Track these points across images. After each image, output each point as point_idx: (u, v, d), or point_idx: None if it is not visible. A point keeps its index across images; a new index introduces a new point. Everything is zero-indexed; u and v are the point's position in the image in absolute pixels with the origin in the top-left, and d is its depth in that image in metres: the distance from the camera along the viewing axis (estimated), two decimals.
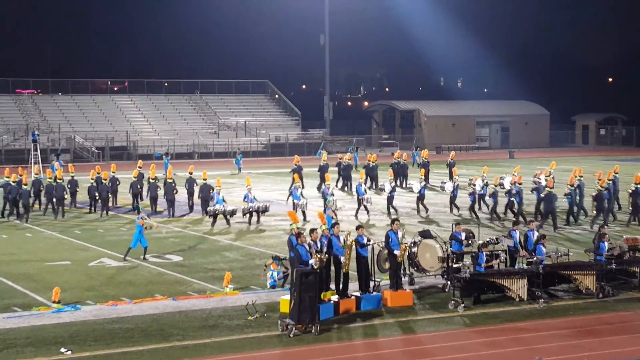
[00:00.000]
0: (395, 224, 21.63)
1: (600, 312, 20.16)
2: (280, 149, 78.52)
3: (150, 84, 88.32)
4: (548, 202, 33.04)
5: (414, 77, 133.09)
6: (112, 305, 20.48)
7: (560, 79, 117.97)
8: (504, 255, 22.29)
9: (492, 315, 19.92)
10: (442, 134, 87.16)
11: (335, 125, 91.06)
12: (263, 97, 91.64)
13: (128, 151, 73.90)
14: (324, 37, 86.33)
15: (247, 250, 28.33)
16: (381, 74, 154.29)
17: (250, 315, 19.41)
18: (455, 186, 37.17)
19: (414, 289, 21.99)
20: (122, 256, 26.59)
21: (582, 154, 80.00)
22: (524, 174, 38.36)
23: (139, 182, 38.82)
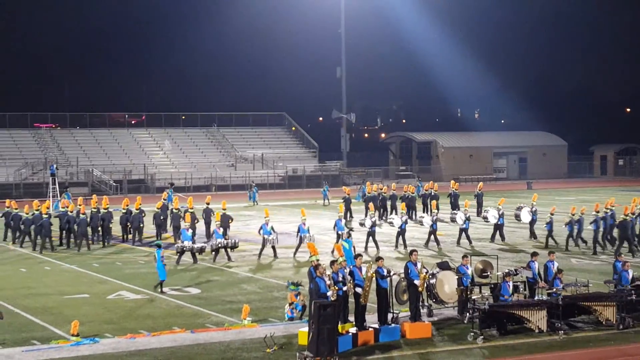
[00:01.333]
0: (414, 255, 21.61)
1: (621, 344, 19.97)
2: (297, 181, 78.66)
3: (168, 117, 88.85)
4: (623, 228, 33.23)
5: (430, 108, 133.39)
6: (131, 338, 20.46)
7: (578, 109, 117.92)
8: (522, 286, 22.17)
9: (511, 347, 19.77)
10: (460, 165, 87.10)
11: (352, 157, 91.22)
12: (280, 129, 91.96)
13: (146, 184, 74.17)
14: (340, 70, 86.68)
15: (265, 282, 28.29)
16: (398, 105, 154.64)
17: (268, 348, 19.35)
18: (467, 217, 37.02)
19: (432, 320, 21.87)
20: (141, 289, 26.65)
21: (601, 185, 79.69)
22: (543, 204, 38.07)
23: (163, 213, 39.45)
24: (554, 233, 36.21)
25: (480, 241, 37.81)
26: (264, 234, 33.38)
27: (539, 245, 35.44)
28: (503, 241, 37.21)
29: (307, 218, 34.67)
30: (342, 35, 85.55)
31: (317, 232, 37.19)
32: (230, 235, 36.98)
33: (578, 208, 37.81)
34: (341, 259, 20.99)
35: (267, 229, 33.47)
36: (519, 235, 40.22)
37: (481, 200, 48.92)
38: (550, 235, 36.18)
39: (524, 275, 22.65)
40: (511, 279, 21.64)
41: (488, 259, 23.57)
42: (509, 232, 41.05)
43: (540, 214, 39.62)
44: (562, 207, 54.00)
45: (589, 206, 39.25)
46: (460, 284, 22.01)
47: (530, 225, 38.56)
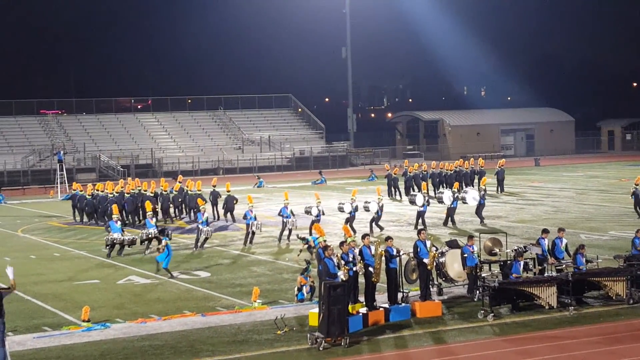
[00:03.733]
0: (422, 234, 21.62)
1: (631, 318, 19.96)
2: (304, 163, 78.65)
3: (174, 101, 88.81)
4: None
5: (436, 87, 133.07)
6: (142, 323, 20.52)
7: (585, 85, 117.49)
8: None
9: (522, 323, 19.77)
10: (467, 143, 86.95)
11: (359, 137, 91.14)
12: (286, 111, 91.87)
13: (153, 169, 74.26)
14: (345, 50, 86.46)
15: (274, 264, 28.33)
16: (404, 85, 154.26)
17: (279, 330, 19.39)
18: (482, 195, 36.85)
19: (442, 299, 21.89)
20: (153, 273, 26.75)
21: (609, 160, 79.53)
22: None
23: (180, 195, 39.79)
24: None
25: (491, 219, 37.76)
26: (284, 216, 33.17)
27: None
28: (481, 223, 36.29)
29: (321, 200, 34.48)
30: (347, 15, 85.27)
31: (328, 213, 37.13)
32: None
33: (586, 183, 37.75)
34: (350, 239, 21.01)
35: (287, 212, 33.24)
36: (527, 212, 40.20)
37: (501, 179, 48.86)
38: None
39: (534, 252, 22.65)
40: (522, 259, 21.63)
41: (497, 236, 23.54)
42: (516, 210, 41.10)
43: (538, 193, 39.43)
44: (570, 184, 54.03)
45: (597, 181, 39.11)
46: (465, 264, 22.01)
47: (477, 208, 36.87)
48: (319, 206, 33.52)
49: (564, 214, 39.10)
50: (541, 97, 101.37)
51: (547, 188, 51.42)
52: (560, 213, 39.65)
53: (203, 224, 31.97)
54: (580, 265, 21.92)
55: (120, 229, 31.13)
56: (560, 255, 22.75)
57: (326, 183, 58.89)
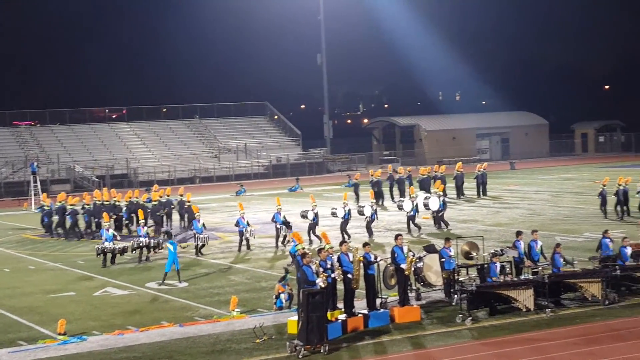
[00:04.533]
0: (399, 239, 21.65)
1: (607, 319, 20.09)
2: (281, 170, 78.57)
3: (149, 110, 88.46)
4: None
5: (412, 93, 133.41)
6: (119, 335, 20.40)
7: (558, 88, 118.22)
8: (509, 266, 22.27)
9: (500, 326, 19.85)
10: (443, 148, 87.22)
11: (335, 143, 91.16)
12: (262, 118, 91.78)
13: (129, 178, 73.93)
14: (320, 57, 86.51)
15: (252, 272, 28.26)
16: (379, 91, 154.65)
17: (258, 338, 19.34)
18: (442, 202, 36.68)
19: (421, 304, 21.92)
20: (127, 284, 26.61)
21: (582, 162, 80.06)
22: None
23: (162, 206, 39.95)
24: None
25: (466, 222, 37.89)
26: (277, 222, 33.21)
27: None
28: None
29: (316, 203, 34.66)
30: (321, 22, 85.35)
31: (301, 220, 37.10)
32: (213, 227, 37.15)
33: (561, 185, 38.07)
34: (328, 246, 21.01)
35: (280, 218, 33.33)
36: (503, 215, 40.37)
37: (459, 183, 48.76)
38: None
39: (510, 255, 22.75)
40: (498, 260, 21.73)
41: (474, 240, 23.61)
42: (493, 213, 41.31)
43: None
44: (545, 187, 54.33)
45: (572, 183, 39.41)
46: (443, 268, 22.07)
47: (436, 213, 36.53)
48: (314, 209, 33.64)
49: (539, 217, 39.31)
50: (515, 100, 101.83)
51: (522, 191, 51.68)
52: (535, 216, 39.87)
53: (199, 230, 32.27)
54: (559, 265, 22.01)
55: (111, 237, 31.33)
56: (537, 257, 22.87)
57: (302, 190, 58.84)
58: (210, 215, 45.03)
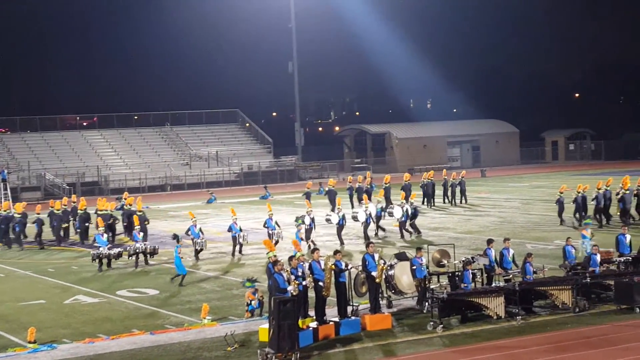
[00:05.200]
0: (371, 247, 21.73)
1: (577, 327, 20.24)
2: (253, 178, 78.45)
3: (120, 117, 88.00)
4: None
5: (383, 100, 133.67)
6: (89, 343, 20.28)
7: (528, 96, 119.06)
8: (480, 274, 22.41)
9: (470, 334, 19.94)
10: (414, 156, 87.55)
11: (307, 151, 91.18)
12: (234, 126, 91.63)
13: (100, 186, 73.52)
14: (292, 64, 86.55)
15: (223, 280, 28.20)
16: (351, 98, 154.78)
17: (229, 346, 19.31)
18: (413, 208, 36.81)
19: (392, 311, 21.98)
20: (98, 292, 26.47)
21: (553, 170, 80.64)
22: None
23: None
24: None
25: (437, 230, 38.03)
26: (270, 228, 33.39)
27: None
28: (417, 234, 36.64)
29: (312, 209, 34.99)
30: (292, 30, 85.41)
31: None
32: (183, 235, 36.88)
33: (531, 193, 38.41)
34: (299, 254, 21.02)
35: (272, 224, 33.54)
36: (474, 223, 40.58)
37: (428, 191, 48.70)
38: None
39: (481, 263, 22.88)
40: (471, 267, 21.85)
41: (445, 248, 23.71)
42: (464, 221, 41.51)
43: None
44: (516, 194, 54.66)
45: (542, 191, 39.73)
46: (414, 275, 22.15)
47: (401, 222, 36.57)
48: (310, 214, 33.83)
49: (510, 224, 39.56)
50: (486, 108, 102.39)
51: (493, 199, 51.98)
52: (506, 223, 40.11)
53: (196, 235, 32.55)
54: (528, 274, 22.20)
55: (106, 242, 31.71)
56: (508, 265, 23.00)
57: (272, 197, 58.75)
58: (181, 223, 44.80)
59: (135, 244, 31.55)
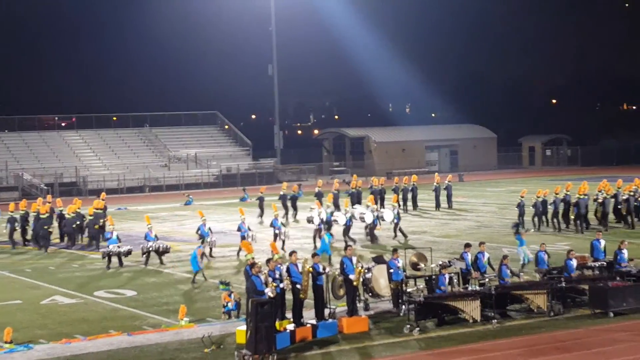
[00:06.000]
0: (349, 250, 21.84)
1: (552, 331, 20.42)
2: (231, 180, 78.36)
3: (99, 118, 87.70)
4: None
5: (362, 104, 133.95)
6: (66, 343, 20.26)
7: (506, 102, 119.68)
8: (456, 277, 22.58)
9: (446, 337, 20.08)
10: (393, 160, 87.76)
11: (285, 154, 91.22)
12: (213, 128, 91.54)
13: (78, 187, 73.23)
14: (272, 67, 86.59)
15: (201, 282, 28.21)
16: (330, 102, 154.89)
17: (206, 348, 19.35)
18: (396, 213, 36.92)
19: (369, 314, 22.10)
20: (75, 293, 26.43)
21: (530, 175, 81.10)
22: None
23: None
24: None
25: (417, 234, 38.20)
26: (276, 227, 33.77)
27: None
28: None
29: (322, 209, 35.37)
30: (273, 32, 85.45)
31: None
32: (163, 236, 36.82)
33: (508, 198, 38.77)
34: (277, 256, 21.10)
35: (278, 223, 33.96)
36: (451, 227, 40.80)
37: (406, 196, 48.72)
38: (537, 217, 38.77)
39: (458, 267, 23.03)
40: (447, 271, 22.02)
41: (422, 251, 23.86)
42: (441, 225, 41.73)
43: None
44: (493, 199, 54.98)
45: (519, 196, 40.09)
46: (391, 279, 22.29)
47: (394, 224, 37.00)
48: (320, 215, 34.35)
49: (487, 229, 39.80)
50: (464, 113, 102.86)
51: (470, 203, 52.22)
52: (483, 227, 40.35)
53: (206, 234, 32.87)
54: (505, 277, 22.39)
55: (116, 240, 31.80)
56: (483, 269, 23.18)
57: (250, 200, 58.70)
58: (160, 225, 44.81)
59: (148, 242, 31.90)
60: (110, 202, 48.43)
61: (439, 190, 49.21)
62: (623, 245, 24.24)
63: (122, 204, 59.27)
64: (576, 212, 37.75)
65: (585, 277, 23.41)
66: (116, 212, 53.01)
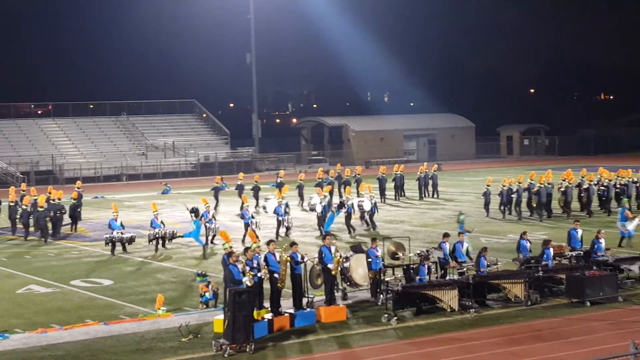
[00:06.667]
0: (328, 239, 21.79)
1: (529, 320, 20.50)
2: (209, 169, 78.12)
3: (75, 106, 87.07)
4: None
5: (341, 93, 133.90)
6: (42, 333, 20.12)
7: (484, 91, 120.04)
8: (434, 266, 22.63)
9: (424, 326, 20.10)
10: (371, 149, 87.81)
11: (264, 142, 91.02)
12: (191, 116, 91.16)
13: (54, 175, 72.75)
14: (250, 56, 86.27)
15: (179, 271, 28.11)
16: (309, 90, 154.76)
17: (183, 337, 19.27)
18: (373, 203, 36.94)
19: (347, 303, 22.08)
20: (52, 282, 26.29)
21: (508, 164, 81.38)
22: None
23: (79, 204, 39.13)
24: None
25: (394, 223, 38.22)
26: (279, 214, 34.39)
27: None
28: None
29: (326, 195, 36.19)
30: (251, 20, 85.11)
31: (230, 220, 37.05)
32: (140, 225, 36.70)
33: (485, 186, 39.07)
34: (254, 245, 21.03)
35: (281, 210, 34.60)
36: (429, 216, 40.87)
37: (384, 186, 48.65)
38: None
39: (436, 256, 23.07)
40: (428, 262, 22.07)
41: (400, 241, 23.86)
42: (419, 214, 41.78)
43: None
44: (471, 188, 55.12)
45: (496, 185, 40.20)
46: (370, 268, 22.28)
47: (370, 214, 36.84)
48: (322, 202, 34.80)
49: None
50: (443, 103, 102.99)
51: (449, 192, 52.30)
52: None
53: (210, 222, 33.04)
54: (482, 267, 22.44)
55: (120, 226, 32.19)
56: (462, 258, 23.22)
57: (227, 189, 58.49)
58: (136, 214, 44.64)
59: (155, 229, 32.12)
60: (87, 191, 48.27)
61: (422, 180, 49.28)
62: (600, 234, 24.36)
63: (99, 192, 58.95)
64: (537, 201, 38.22)
65: (563, 266, 23.51)
66: (93, 201, 52.83)
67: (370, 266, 22.30)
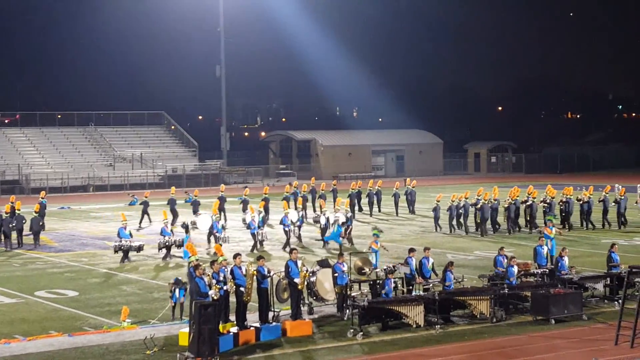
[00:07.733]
0: (294, 253, 21.80)
1: (494, 337, 20.60)
2: (177, 181, 77.80)
3: (43, 116, 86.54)
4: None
5: (310, 107, 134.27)
6: (5, 344, 19.93)
7: (453, 108, 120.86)
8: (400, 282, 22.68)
9: (390, 342, 20.14)
10: (339, 163, 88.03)
11: (232, 155, 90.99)
12: (159, 128, 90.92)
13: (20, 185, 72.19)
14: (220, 68, 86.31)
15: (144, 283, 27.98)
16: (278, 104, 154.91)
17: (148, 350, 19.17)
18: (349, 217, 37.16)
19: (313, 318, 22.08)
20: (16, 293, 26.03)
21: (475, 181, 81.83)
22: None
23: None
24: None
25: (362, 238, 38.29)
26: (284, 224, 34.82)
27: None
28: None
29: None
30: (221, 33, 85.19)
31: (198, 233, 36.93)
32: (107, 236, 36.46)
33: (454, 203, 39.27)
34: (221, 258, 20.99)
35: (288, 222, 34.90)
36: (397, 232, 41.00)
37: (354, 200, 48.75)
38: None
39: (402, 272, 23.14)
40: (392, 276, 22.13)
41: (366, 256, 23.91)
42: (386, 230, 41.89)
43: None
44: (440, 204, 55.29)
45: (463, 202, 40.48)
46: (336, 282, 22.30)
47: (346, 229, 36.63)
48: (325, 214, 35.83)
49: (431, 234, 40.07)
50: (411, 119, 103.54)
51: (416, 208, 52.43)
52: (427, 233, 40.61)
53: (219, 231, 33.92)
54: (448, 282, 22.53)
55: (128, 235, 32.43)
56: (428, 274, 23.31)
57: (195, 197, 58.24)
58: (103, 225, 44.41)
59: (165, 237, 32.38)
60: (53, 201, 48.00)
61: (398, 195, 49.58)
62: (564, 252, 24.53)
63: (65, 203, 58.55)
64: (481, 216, 38.96)
65: (528, 283, 23.66)
66: (59, 212, 52.46)
67: (337, 281, 22.32)
